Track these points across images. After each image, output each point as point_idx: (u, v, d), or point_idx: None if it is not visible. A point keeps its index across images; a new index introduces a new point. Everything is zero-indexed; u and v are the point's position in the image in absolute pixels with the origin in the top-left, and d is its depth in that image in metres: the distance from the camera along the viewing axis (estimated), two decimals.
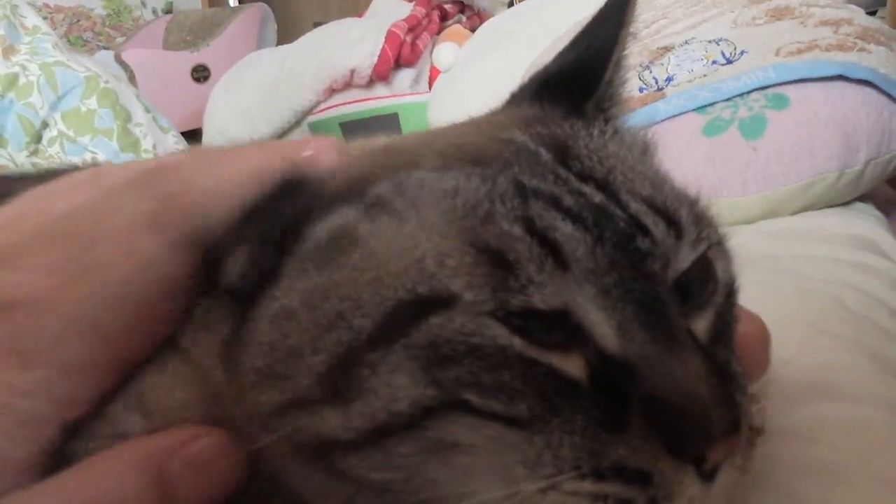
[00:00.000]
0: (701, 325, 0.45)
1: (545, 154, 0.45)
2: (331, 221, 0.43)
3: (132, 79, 2.44)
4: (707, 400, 0.39)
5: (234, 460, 0.43)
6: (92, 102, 1.73)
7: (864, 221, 1.23)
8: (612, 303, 0.40)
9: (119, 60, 2.87)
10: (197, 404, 0.45)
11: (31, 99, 1.67)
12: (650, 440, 0.39)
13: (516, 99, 0.55)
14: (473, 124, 0.52)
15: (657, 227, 0.43)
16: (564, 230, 0.40)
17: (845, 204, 1.29)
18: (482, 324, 0.39)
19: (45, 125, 1.68)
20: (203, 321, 0.45)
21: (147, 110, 1.80)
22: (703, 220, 0.46)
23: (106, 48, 2.53)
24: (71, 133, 1.70)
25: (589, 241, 0.40)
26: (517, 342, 0.39)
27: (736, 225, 1.22)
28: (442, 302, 0.39)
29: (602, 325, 0.40)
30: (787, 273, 0.97)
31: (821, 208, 1.27)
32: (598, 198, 0.42)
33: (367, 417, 0.39)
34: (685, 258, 0.44)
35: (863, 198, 1.32)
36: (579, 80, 0.51)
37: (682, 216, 0.44)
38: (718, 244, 0.48)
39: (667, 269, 0.43)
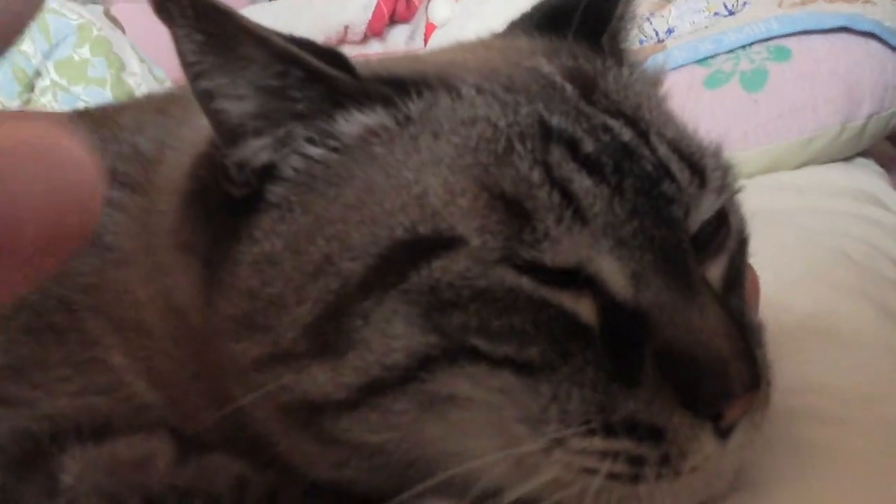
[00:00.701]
0: (714, 272, 0.43)
1: (570, 89, 0.42)
2: (367, 117, 0.41)
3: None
4: (727, 354, 0.37)
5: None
6: (85, 51, 1.69)
7: (866, 175, 1.22)
8: (630, 251, 0.38)
9: (108, 15, 2.82)
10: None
11: (23, 47, 1.64)
12: (664, 394, 0.37)
13: (523, 26, 0.52)
14: (492, 47, 0.49)
15: (682, 174, 0.41)
16: (582, 183, 0.38)
17: (846, 159, 1.28)
18: (487, 267, 0.37)
19: (37, 74, 1.65)
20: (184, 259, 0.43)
21: (142, 60, 1.77)
22: (726, 169, 0.45)
23: (94, 2, 2.48)
24: (64, 82, 1.67)
25: (606, 193, 0.38)
26: (526, 282, 0.37)
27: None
28: (445, 243, 0.37)
29: (615, 274, 0.38)
30: (792, 226, 0.96)
31: (823, 163, 1.26)
32: (627, 135, 0.41)
33: (360, 372, 0.37)
34: (708, 208, 0.42)
35: (864, 153, 1.31)
36: (588, 14, 0.49)
37: (706, 164, 0.43)
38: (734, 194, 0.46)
39: (688, 217, 0.41)
